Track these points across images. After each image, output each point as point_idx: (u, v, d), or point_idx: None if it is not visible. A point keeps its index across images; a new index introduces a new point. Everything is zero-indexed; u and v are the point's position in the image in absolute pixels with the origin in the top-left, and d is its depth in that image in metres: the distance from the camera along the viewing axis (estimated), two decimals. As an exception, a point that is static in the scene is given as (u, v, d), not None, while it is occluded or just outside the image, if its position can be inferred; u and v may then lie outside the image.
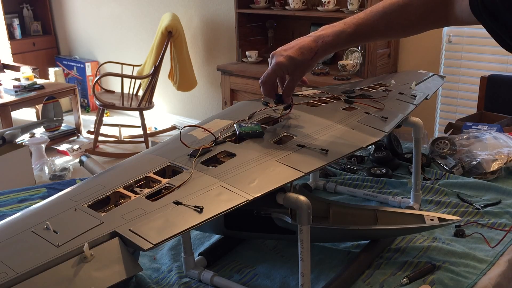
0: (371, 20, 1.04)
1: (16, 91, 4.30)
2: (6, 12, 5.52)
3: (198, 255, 1.16)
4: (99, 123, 4.30)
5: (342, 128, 1.09)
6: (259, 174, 0.88)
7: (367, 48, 3.16)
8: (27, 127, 3.72)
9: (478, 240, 1.22)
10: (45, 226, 0.74)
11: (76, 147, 4.40)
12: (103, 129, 4.46)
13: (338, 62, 3.31)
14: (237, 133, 1.02)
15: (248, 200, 0.81)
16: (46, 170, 3.79)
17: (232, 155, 0.95)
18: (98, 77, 4.27)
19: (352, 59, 3.38)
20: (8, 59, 5.45)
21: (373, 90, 1.37)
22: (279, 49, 1.07)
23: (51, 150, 4.35)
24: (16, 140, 3.51)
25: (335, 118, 1.14)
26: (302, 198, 0.86)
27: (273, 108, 1.16)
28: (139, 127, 4.33)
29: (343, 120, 1.14)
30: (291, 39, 1.14)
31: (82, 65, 5.53)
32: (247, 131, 1.02)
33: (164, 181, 0.87)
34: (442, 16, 0.99)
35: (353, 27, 1.04)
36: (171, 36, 4.09)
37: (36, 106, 4.77)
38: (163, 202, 0.80)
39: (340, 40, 1.05)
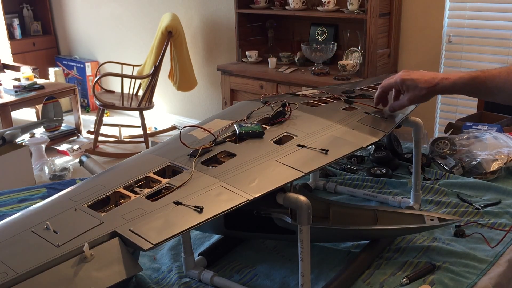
0: (497, 74, 1.06)
1: (16, 91, 4.30)
2: (6, 12, 5.51)
3: (198, 255, 1.16)
4: (99, 123, 4.30)
5: (342, 128, 1.09)
6: (259, 174, 0.88)
7: (367, 48, 3.16)
8: (27, 127, 3.72)
9: (478, 240, 1.22)
10: (45, 226, 0.74)
11: (76, 147, 4.40)
12: (103, 129, 4.46)
13: (338, 62, 3.31)
14: (237, 133, 1.02)
15: (248, 200, 0.81)
16: (46, 170, 3.79)
17: (232, 155, 0.95)
18: (98, 77, 4.26)
19: (352, 59, 3.38)
20: (8, 59, 5.45)
21: (373, 90, 1.37)
22: (409, 70, 1.17)
23: (51, 150, 4.35)
24: (16, 140, 3.51)
25: (335, 118, 1.14)
26: (302, 198, 0.87)
27: (272, 106, 1.16)
28: (139, 127, 4.33)
29: (343, 120, 1.14)
30: (291, 39, 1.15)
31: (82, 65, 5.53)
32: (247, 131, 1.02)
33: (164, 181, 0.87)
34: None
35: (478, 73, 1.08)
36: (171, 36, 4.09)
37: (36, 106, 4.77)
38: (163, 202, 0.80)
39: (461, 81, 1.09)
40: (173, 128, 4.89)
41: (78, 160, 2.33)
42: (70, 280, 0.67)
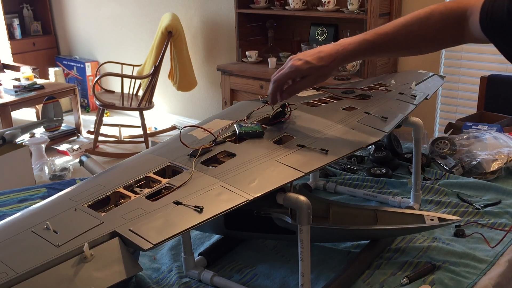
0: (392, 30, 1.05)
1: (16, 91, 4.30)
2: (6, 12, 5.51)
3: (198, 255, 1.16)
4: (99, 123, 4.30)
5: (342, 128, 1.09)
6: (259, 174, 0.88)
7: (367, 48, 3.16)
8: (27, 127, 3.72)
9: (478, 240, 1.22)
10: (45, 226, 0.74)
11: (76, 147, 4.40)
12: (103, 129, 4.46)
13: (338, 62, 3.31)
14: (237, 133, 1.02)
15: (248, 200, 0.81)
16: (46, 170, 3.79)
17: (232, 155, 0.95)
18: (98, 77, 4.26)
19: (352, 59, 3.38)
20: (8, 59, 5.45)
21: (373, 91, 1.37)
22: (299, 53, 1.08)
23: (51, 150, 4.35)
24: (16, 140, 3.51)
25: (335, 118, 1.14)
26: (302, 198, 0.86)
27: (272, 106, 1.16)
28: (139, 127, 4.33)
29: (343, 120, 1.14)
30: (291, 39, 1.14)
31: (82, 65, 5.53)
32: (247, 131, 1.02)
33: (164, 181, 0.87)
34: (459, 32, 1.01)
35: (374, 36, 1.05)
36: (171, 36, 4.09)
37: (36, 106, 4.77)
38: (163, 202, 0.80)
39: (361, 48, 1.05)
40: (173, 128, 4.89)
41: (78, 160, 2.33)
42: (70, 280, 0.67)
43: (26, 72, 4.74)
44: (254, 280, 1.11)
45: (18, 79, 4.62)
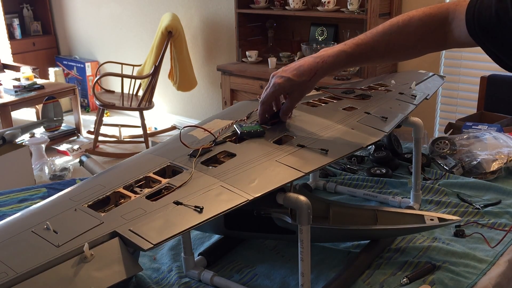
0: (371, 40, 1.04)
1: (16, 91, 4.30)
2: (6, 12, 5.51)
3: (198, 255, 1.16)
4: (99, 123, 4.30)
5: (342, 128, 1.09)
6: (259, 174, 0.88)
7: (367, 48, 3.16)
8: (27, 127, 3.72)
9: (478, 240, 1.22)
10: (45, 226, 0.74)
11: (76, 147, 4.40)
12: (103, 129, 4.46)
13: (338, 62, 3.31)
14: (238, 133, 1.02)
15: (248, 200, 0.81)
16: (46, 170, 3.79)
17: (232, 155, 0.95)
18: (98, 77, 4.26)
19: (352, 59, 3.38)
20: (8, 59, 5.45)
21: (373, 91, 1.37)
22: (280, 69, 1.08)
23: (51, 150, 4.35)
24: (16, 140, 3.51)
25: (335, 118, 1.14)
26: (302, 198, 0.86)
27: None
28: (139, 127, 4.33)
29: (343, 120, 1.14)
30: (291, 39, 1.14)
31: (82, 65, 5.53)
32: (248, 131, 1.02)
33: (164, 181, 0.87)
34: (441, 38, 1.00)
35: (353, 47, 1.04)
36: (171, 36, 4.09)
37: (36, 106, 4.77)
38: (163, 202, 0.80)
39: (340, 61, 1.04)
40: (173, 128, 4.89)
41: (78, 160, 2.33)
42: (70, 280, 0.67)
43: (26, 72, 4.74)
44: (254, 280, 1.11)
45: (18, 79, 4.62)
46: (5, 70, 5.22)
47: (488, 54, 0.91)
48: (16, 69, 5.08)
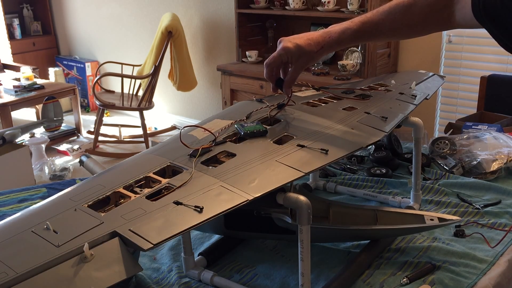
0: (377, 18, 1.07)
1: (16, 91, 4.30)
2: (6, 12, 5.51)
3: (198, 255, 1.16)
4: (99, 123, 4.30)
5: (342, 128, 1.09)
6: (259, 174, 0.88)
7: (367, 48, 3.16)
8: (27, 127, 3.72)
9: (478, 240, 1.22)
10: (45, 226, 0.74)
11: (76, 147, 4.40)
12: (103, 129, 4.46)
13: (338, 62, 3.31)
14: (241, 133, 1.02)
15: (248, 200, 0.81)
16: (46, 170, 3.79)
17: (232, 155, 0.95)
18: (98, 77, 4.26)
19: (352, 59, 3.38)
20: (8, 59, 5.45)
21: (373, 91, 1.37)
22: (288, 37, 1.11)
23: (51, 150, 4.35)
24: (16, 140, 3.51)
25: (335, 118, 1.14)
26: (302, 198, 0.86)
27: (269, 106, 1.16)
28: (139, 127, 4.33)
29: (343, 120, 1.14)
30: (291, 39, 1.14)
31: (82, 65, 5.53)
32: (251, 131, 1.02)
33: (164, 181, 0.87)
34: (446, 18, 1.01)
35: (358, 25, 1.08)
36: (171, 36, 4.09)
37: (36, 106, 4.77)
38: (163, 202, 0.80)
39: (346, 37, 1.08)
40: (173, 128, 4.89)
41: (78, 160, 2.33)
42: (70, 280, 0.67)
43: (26, 72, 4.74)
44: (254, 280, 1.11)
45: (18, 79, 4.62)
46: (5, 70, 5.22)
47: (493, 37, 0.91)
48: (16, 69, 5.08)
